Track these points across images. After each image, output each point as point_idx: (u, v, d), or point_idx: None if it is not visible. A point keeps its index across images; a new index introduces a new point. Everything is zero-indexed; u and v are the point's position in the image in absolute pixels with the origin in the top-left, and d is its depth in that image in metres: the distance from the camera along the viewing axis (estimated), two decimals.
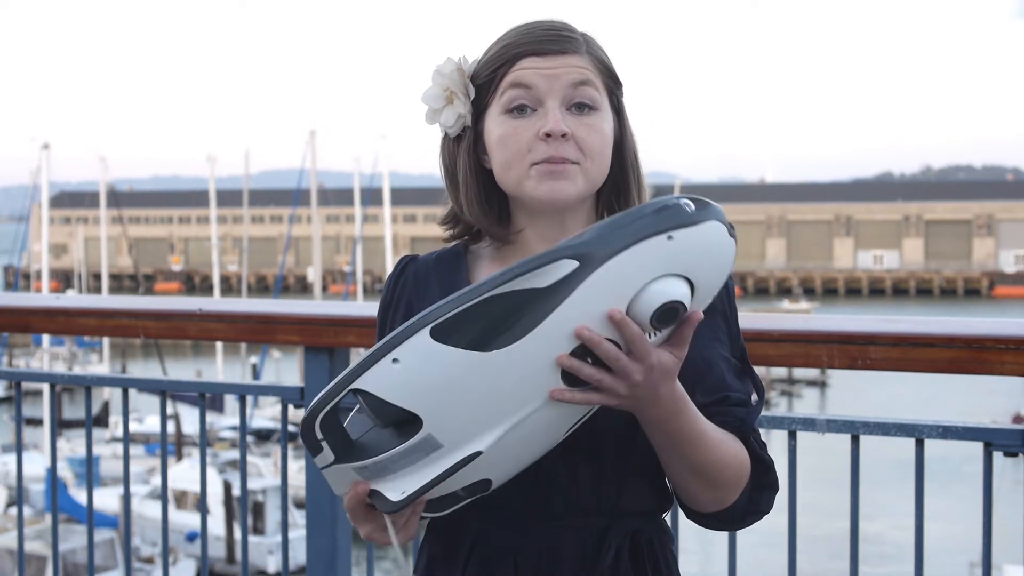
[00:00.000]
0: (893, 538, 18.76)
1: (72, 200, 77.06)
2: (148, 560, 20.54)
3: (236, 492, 22.48)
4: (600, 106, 1.70)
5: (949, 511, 19.32)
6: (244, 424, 2.97)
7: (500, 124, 1.69)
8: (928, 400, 35.38)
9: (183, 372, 43.04)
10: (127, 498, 3.13)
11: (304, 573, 2.96)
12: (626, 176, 1.75)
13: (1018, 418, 28.58)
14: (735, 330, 1.73)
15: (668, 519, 1.80)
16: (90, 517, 3.09)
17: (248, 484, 3.03)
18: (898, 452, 3.85)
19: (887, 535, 19.65)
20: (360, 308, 2.88)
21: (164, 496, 3.06)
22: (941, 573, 19.15)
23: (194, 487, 22.92)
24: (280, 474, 2.93)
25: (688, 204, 1.43)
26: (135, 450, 27.84)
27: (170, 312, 3.01)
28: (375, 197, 49.25)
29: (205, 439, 2.99)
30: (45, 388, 21.83)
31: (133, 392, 3.25)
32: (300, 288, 74.89)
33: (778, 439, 2.83)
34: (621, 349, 1.45)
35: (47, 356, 38.40)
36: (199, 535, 3.05)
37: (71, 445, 27.80)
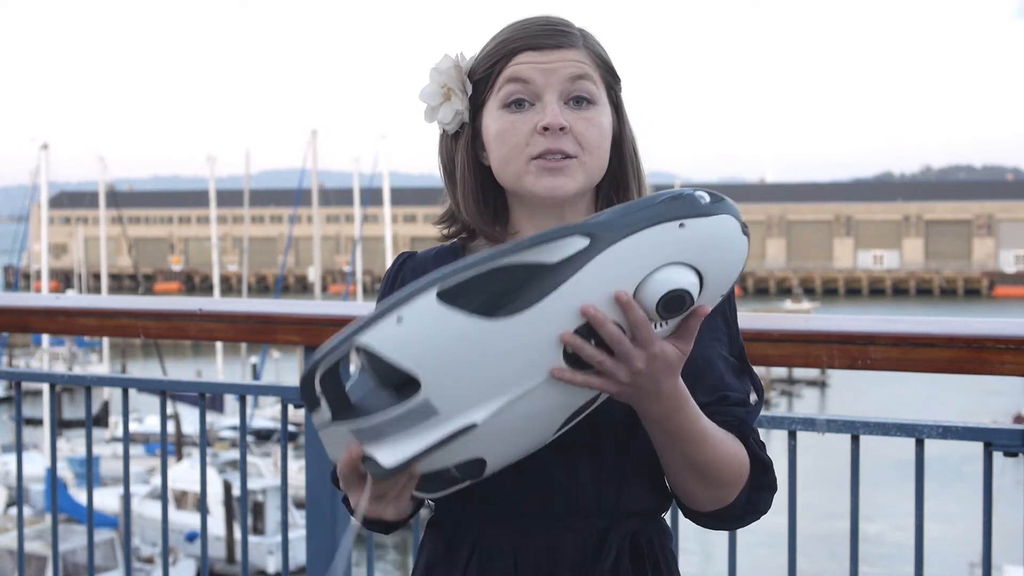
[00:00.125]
0: (893, 538, 18.74)
1: (72, 200, 77.14)
2: (148, 560, 20.55)
3: (236, 492, 22.49)
4: (598, 100, 1.69)
5: (949, 511, 19.33)
6: (244, 424, 2.97)
7: (498, 119, 1.69)
8: (928, 400, 35.38)
9: (183, 372, 43.04)
10: (127, 498, 3.13)
11: (304, 573, 2.96)
12: (625, 171, 1.75)
13: (1018, 418, 28.56)
14: (734, 330, 1.73)
15: (668, 519, 1.80)
16: (90, 517, 3.09)
17: (248, 484, 3.03)
18: (898, 452, 3.84)
19: (887, 535, 19.64)
20: (360, 308, 2.87)
21: (164, 496, 3.06)
22: (941, 573, 19.16)
23: (194, 487, 22.93)
24: (280, 474, 2.93)
25: (703, 196, 1.44)
26: (135, 450, 27.85)
27: (170, 312, 3.01)
28: (375, 197, 49.26)
29: (205, 439, 2.99)
30: (45, 388, 21.75)
31: (133, 392, 3.25)
32: (300, 288, 74.92)
33: (778, 439, 2.82)
34: (626, 334, 1.45)
35: (47, 356, 38.40)
36: (199, 535, 3.05)
37: (71, 445, 27.80)
